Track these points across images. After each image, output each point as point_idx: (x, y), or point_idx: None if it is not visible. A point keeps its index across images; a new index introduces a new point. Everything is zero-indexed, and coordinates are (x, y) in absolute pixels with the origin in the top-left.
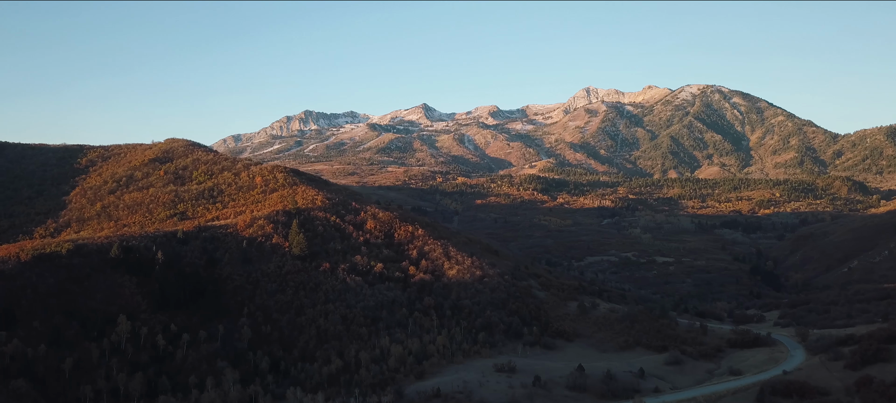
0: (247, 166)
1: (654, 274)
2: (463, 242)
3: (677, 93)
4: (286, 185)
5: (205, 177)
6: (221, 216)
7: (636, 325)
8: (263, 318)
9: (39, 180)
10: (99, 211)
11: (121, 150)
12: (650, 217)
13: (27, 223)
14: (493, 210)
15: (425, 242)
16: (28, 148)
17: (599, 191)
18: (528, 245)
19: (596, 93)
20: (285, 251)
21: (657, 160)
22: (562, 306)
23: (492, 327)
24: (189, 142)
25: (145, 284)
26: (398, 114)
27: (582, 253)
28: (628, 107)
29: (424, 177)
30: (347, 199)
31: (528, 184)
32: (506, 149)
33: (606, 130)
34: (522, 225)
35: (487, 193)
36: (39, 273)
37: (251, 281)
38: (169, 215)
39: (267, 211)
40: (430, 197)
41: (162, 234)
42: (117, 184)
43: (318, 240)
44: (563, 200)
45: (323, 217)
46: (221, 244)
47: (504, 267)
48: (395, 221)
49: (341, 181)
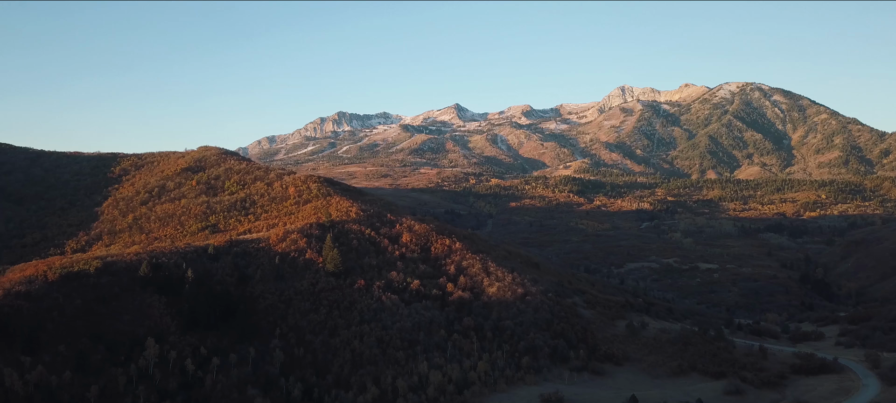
0: (280, 176)
1: (697, 282)
2: (502, 256)
3: (715, 92)
4: (320, 196)
5: (237, 188)
6: (254, 229)
7: (690, 348)
8: (296, 340)
9: (73, 190)
10: (130, 223)
11: (154, 158)
12: (690, 220)
13: (59, 235)
14: (527, 213)
15: (463, 257)
16: (63, 156)
17: (637, 193)
18: (566, 250)
19: (631, 91)
20: (319, 267)
21: (695, 160)
22: (609, 326)
23: (536, 351)
24: (222, 151)
25: (174, 304)
26: (430, 115)
27: (621, 259)
28: (664, 106)
29: (457, 179)
30: (382, 211)
31: (563, 186)
32: (539, 150)
33: (642, 129)
34: (559, 229)
35: (522, 195)
36: (66, 293)
37: (284, 300)
38: (200, 228)
39: (300, 224)
40: (464, 199)
41: (192, 250)
42: (149, 195)
43: (353, 255)
44: (599, 202)
45: (357, 230)
46: (253, 259)
47: (546, 283)
48: (432, 234)
49: (374, 183)
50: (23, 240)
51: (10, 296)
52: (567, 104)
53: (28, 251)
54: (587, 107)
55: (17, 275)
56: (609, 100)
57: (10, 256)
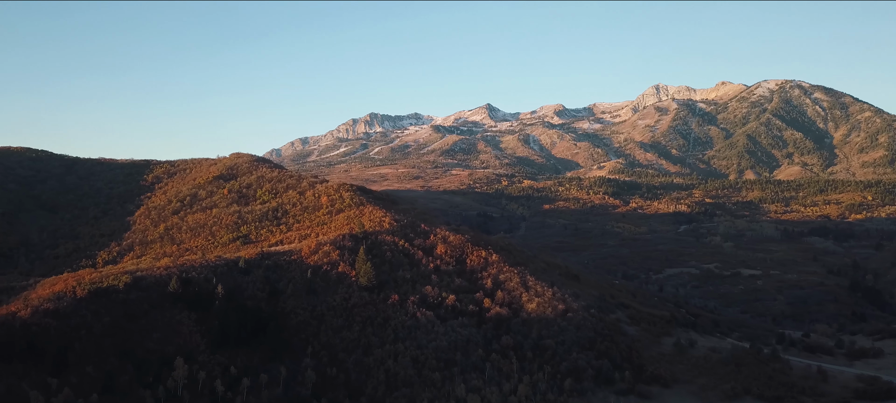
0: (312, 184)
1: (740, 290)
2: (541, 268)
3: (753, 89)
4: (352, 205)
5: (269, 196)
6: (285, 240)
7: (743, 369)
8: (328, 358)
9: (106, 198)
10: (162, 233)
11: (186, 165)
12: (730, 223)
13: (91, 246)
14: (562, 215)
15: (500, 270)
16: (97, 164)
17: (674, 195)
18: (602, 255)
19: (666, 90)
20: (352, 281)
21: (732, 160)
22: (655, 344)
23: (579, 372)
24: (253, 158)
25: (204, 321)
26: (462, 115)
27: (660, 264)
28: (701, 105)
29: (489, 181)
30: (416, 220)
31: (598, 187)
32: (572, 150)
33: (678, 129)
34: (594, 232)
35: (555, 197)
36: (95, 310)
37: (316, 316)
38: (232, 238)
39: (333, 235)
40: (496, 201)
41: (223, 263)
42: (181, 204)
43: (386, 268)
44: (635, 204)
45: (390, 241)
46: (285, 273)
47: (588, 298)
48: (467, 246)
49: (406, 185)
50: (56, 251)
51: (38, 314)
52: (600, 103)
53: (60, 262)
54: (621, 106)
55: (46, 291)
56: (643, 99)
57: (43, 267)
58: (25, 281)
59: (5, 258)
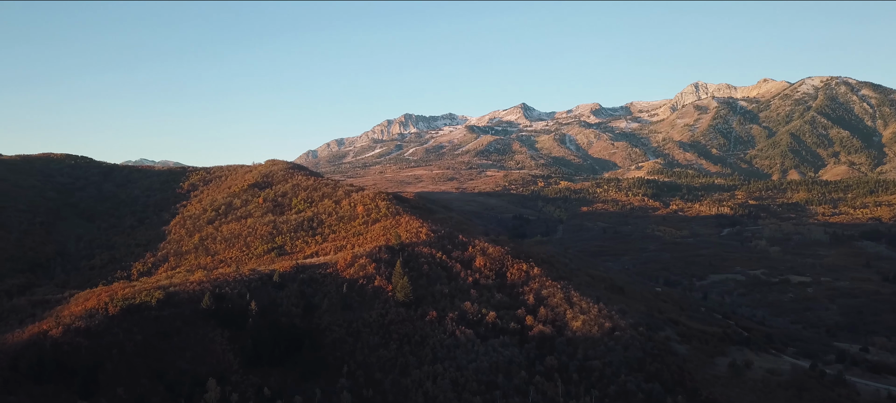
0: (348, 193)
1: (789, 298)
2: (585, 282)
3: (797, 87)
4: (389, 215)
5: (304, 205)
6: (321, 251)
7: (805, 394)
8: (365, 379)
9: (142, 207)
10: (197, 243)
11: (222, 172)
12: (775, 226)
13: (126, 256)
14: (600, 218)
15: (542, 284)
16: (134, 171)
17: (715, 196)
18: (643, 259)
19: (705, 88)
20: (388, 296)
21: (775, 159)
22: (708, 364)
23: (628, 396)
24: (289, 165)
25: (237, 339)
26: (496, 115)
27: (703, 270)
28: (741, 103)
29: (525, 182)
30: (453, 231)
31: (637, 189)
32: (610, 150)
33: (718, 128)
34: (634, 235)
35: (593, 199)
36: (127, 328)
37: (351, 333)
38: (266, 249)
39: (368, 247)
40: (532, 203)
41: (257, 277)
42: (216, 213)
43: (423, 281)
44: (676, 206)
45: (427, 253)
46: (320, 287)
47: (635, 314)
48: (507, 258)
49: (440, 187)
50: (91, 262)
51: (69, 333)
52: (637, 102)
53: (95, 273)
54: (659, 104)
55: (79, 308)
56: (682, 98)
57: (78, 279)
58: (60, 294)
59: (42, 268)
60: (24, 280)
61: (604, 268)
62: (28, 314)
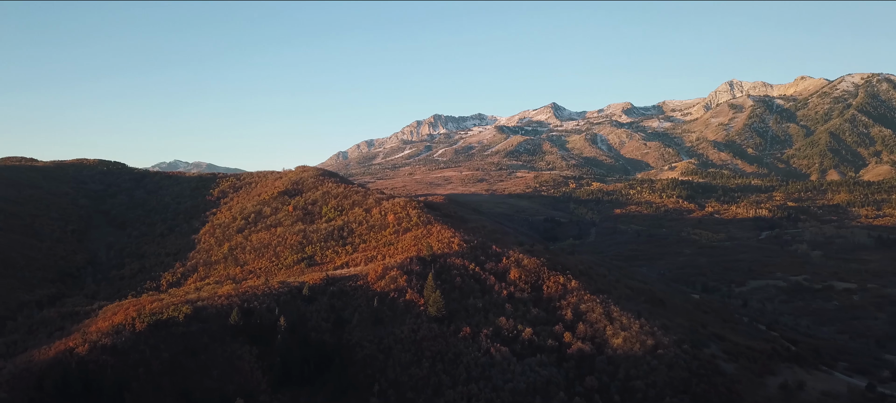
0: (378, 201)
1: (834, 306)
2: (625, 295)
3: (836, 84)
4: (420, 224)
5: (334, 214)
6: (351, 262)
7: None
8: (396, 398)
9: (173, 214)
10: (226, 253)
11: (252, 179)
12: (816, 229)
13: (156, 266)
14: (633, 220)
15: (581, 298)
16: (165, 177)
17: (752, 198)
18: (678, 264)
19: (740, 86)
20: (420, 310)
21: (814, 159)
22: (758, 385)
23: None
24: (319, 171)
25: (266, 356)
26: (526, 115)
27: (742, 275)
28: (778, 101)
29: (556, 183)
30: (486, 241)
31: (671, 190)
32: (642, 150)
33: (754, 127)
34: (669, 239)
35: (626, 201)
36: (154, 345)
37: (383, 349)
38: (296, 260)
39: (399, 258)
40: (564, 205)
41: (286, 291)
42: (245, 222)
43: (456, 295)
44: (712, 209)
45: (460, 264)
46: (351, 301)
47: (678, 329)
48: (543, 270)
49: (470, 189)
50: (121, 272)
51: (96, 350)
52: (670, 101)
53: (125, 283)
54: (692, 103)
55: (105, 324)
56: (716, 96)
57: (108, 289)
58: (90, 306)
59: (73, 278)
60: (55, 290)
61: (641, 277)
62: (57, 327)
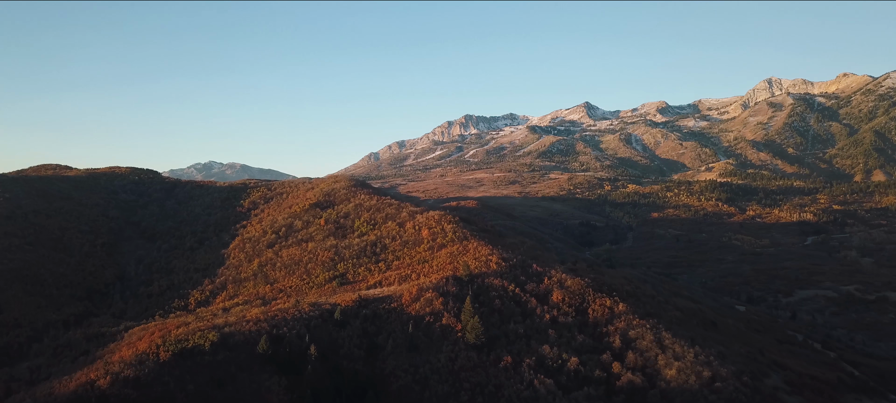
0: (412, 214)
1: (890, 319)
2: (676, 318)
3: (881, 81)
4: (455, 240)
5: (367, 228)
6: (384, 280)
7: None
8: None
9: (203, 226)
10: (256, 270)
11: (283, 188)
12: (865, 234)
13: (184, 282)
14: (671, 224)
15: (629, 323)
16: (196, 187)
17: (795, 200)
18: (720, 272)
19: (779, 84)
20: (457, 336)
21: (858, 159)
22: None
23: None
24: (352, 181)
25: (295, 387)
26: (559, 114)
27: (789, 284)
28: (819, 99)
29: (591, 185)
30: (526, 259)
31: (709, 193)
32: (678, 150)
33: (794, 126)
34: (709, 245)
35: (664, 204)
36: (179, 376)
37: (418, 380)
38: (328, 278)
39: (435, 278)
40: (599, 208)
41: (317, 314)
42: (276, 236)
43: (495, 319)
44: (753, 212)
45: (499, 285)
46: (384, 325)
47: (735, 357)
48: (588, 292)
49: (502, 191)
50: (149, 289)
51: (118, 383)
52: (706, 99)
53: (153, 301)
54: (729, 101)
55: (129, 353)
56: (754, 94)
57: (136, 307)
58: (116, 326)
59: (101, 295)
60: (83, 308)
61: (688, 291)
62: (81, 350)
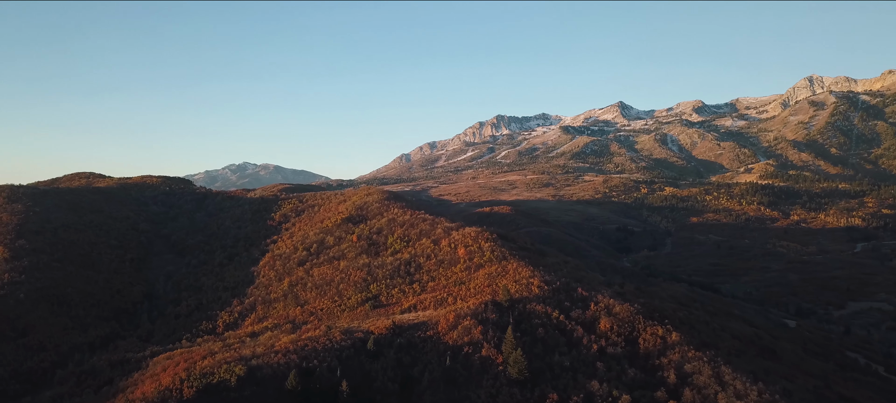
0: (448, 231)
1: None
2: (733, 349)
3: None
4: (493, 260)
5: (401, 245)
6: (419, 304)
7: None
8: None
9: (233, 240)
10: (286, 290)
11: (315, 200)
12: None
13: (213, 302)
14: (712, 229)
15: (684, 356)
16: (226, 199)
17: (842, 204)
18: (766, 281)
19: (820, 81)
20: (498, 370)
21: None
22: None
23: None
24: (385, 194)
25: None
26: (592, 114)
27: (840, 296)
28: (863, 97)
29: (626, 188)
30: (570, 282)
31: (751, 196)
32: (715, 150)
33: (837, 125)
34: (753, 252)
35: (703, 208)
36: None
37: None
38: (360, 300)
39: (472, 303)
40: (636, 212)
41: (349, 345)
42: (307, 253)
43: (539, 350)
44: (797, 217)
45: (542, 312)
46: (420, 355)
47: (802, 394)
48: (638, 320)
49: (535, 194)
50: (177, 309)
51: None
52: (744, 98)
53: (180, 322)
54: (768, 100)
55: (151, 388)
56: (794, 93)
57: (164, 329)
58: (142, 352)
59: (128, 314)
60: (109, 329)
61: (740, 313)
62: (105, 379)
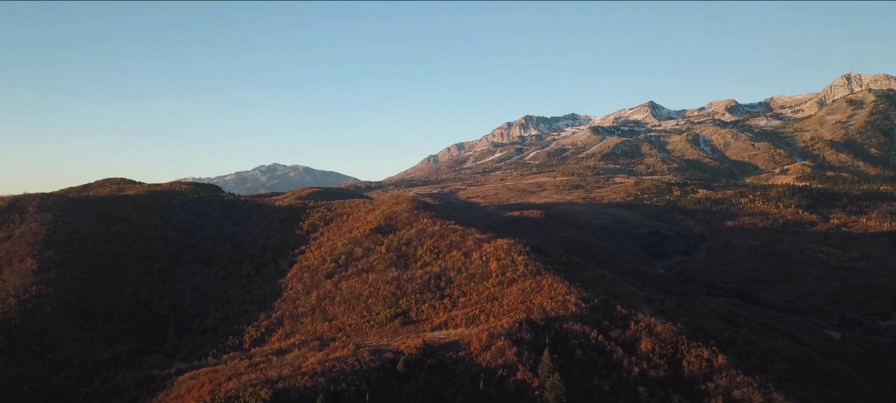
0: (479, 243)
1: None
2: (784, 373)
3: None
4: (527, 274)
5: (430, 257)
6: (450, 320)
7: None
8: None
9: (261, 250)
10: (314, 304)
11: (343, 209)
12: None
13: (240, 316)
14: (748, 234)
15: (732, 380)
16: (255, 207)
17: (884, 207)
18: (806, 289)
19: (859, 80)
20: (535, 395)
21: None
22: None
23: None
24: (415, 203)
25: None
26: (622, 114)
27: (886, 305)
28: None
29: (659, 190)
30: (609, 299)
31: (788, 199)
32: (749, 151)
33: (877, 124)
34: (791, 257)
35: (738, 211)
36: None
37: None
38: (389, 316)
39: (506, 321)
40: (669, 216)
41: (378, 366)
42: (336, 264)
43: (577, 372)
44: (837, 221)
45: (579, 331)
46: (452, 378)
47: None
48: (682, 340)
49: (566, 196)
50: (204, 323)
51: None
52: (778, 97)
53: (207, 337)
54: (803, 99)
55: None
56: (831, 91)
57: (190, 344)
58: (167, 369)
59: (154, 328)
60: (135, 344)
61: (786, 329)
62: (129, 398)
